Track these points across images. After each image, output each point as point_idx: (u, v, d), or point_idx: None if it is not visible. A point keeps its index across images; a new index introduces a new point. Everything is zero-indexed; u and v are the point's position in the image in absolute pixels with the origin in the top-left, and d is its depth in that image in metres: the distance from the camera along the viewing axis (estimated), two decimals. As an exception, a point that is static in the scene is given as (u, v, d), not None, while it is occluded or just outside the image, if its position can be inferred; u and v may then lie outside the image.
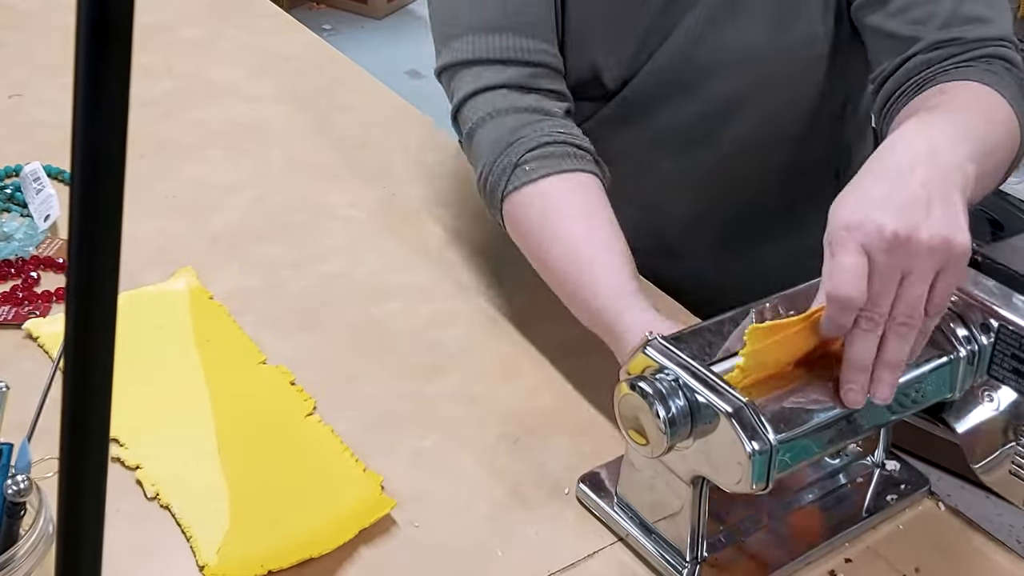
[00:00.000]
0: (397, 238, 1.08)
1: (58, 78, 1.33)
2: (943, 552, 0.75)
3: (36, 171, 1.09)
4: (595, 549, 0.75)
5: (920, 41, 0.89)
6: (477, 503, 0.78)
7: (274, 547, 0.71)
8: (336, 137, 1.25)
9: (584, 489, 0.78)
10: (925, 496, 0.79)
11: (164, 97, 1.32)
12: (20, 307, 0.94)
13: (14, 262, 1.00)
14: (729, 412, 0.64)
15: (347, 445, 0.80)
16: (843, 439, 0.69)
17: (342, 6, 3.97)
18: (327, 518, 0.74)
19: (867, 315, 0.65)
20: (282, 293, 0.99)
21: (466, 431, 0.84)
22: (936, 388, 0.72)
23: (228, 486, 0.76)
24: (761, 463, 0.63)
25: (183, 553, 0.72)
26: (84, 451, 0.30)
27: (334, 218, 1.10)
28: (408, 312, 0.97)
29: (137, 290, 0.96)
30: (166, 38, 1.46)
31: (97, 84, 0.26)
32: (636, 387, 0.67)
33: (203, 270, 1.00)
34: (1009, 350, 0.71)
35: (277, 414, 0.84)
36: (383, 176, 1.18)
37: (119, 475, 0.77)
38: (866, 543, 0.76)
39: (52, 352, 0.88)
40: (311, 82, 1.39)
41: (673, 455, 0.68)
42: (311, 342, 0.93)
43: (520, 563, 0.73)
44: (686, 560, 0.72)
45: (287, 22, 1.59)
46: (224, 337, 0.91)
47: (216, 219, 1.09)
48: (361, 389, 0.88)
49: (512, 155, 0.90)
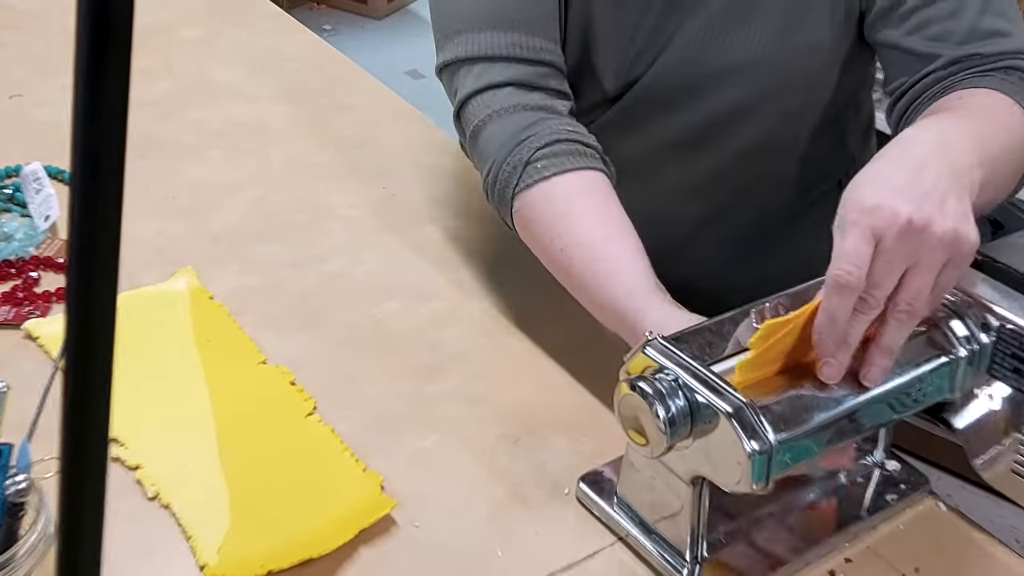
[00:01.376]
0: (397, 238, 1.08)
1: (58, 78, 1.33)
2: (943, 552, 0.75)
3: (36, 171, 1.09)
4: (595, 549, 0.75)
5: (939, 58, 0.89)
6: (477, 503, 0.78)
7: (274, 547, 0.71)
8: (336, 137, 1.25)
9: (584, 489, 0.78)
10: (925, 496, 0.79)
11: (164, 97, 1.31)
12: (20, 307, 0.94)
13: (14, 262, 1.00)
14: (729, 412, 0.64)
15: (347, 445, 0.80)
16: (843, 439, 0.69)
17: (342, 6, 3.97)
18: (327, 518, 0.74)
19: (863, 296, 0.66)
20: (282, 293, 0.99)
21: (466, 431, 0.84)
22: (936, 388, 0.73)
23: (228, 486, 0.76)
24: (761, 463, 0.63)
25: (183, 553, 0.72)
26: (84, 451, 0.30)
27: (334, 218, 1.10)
28: (408, 312, 0.97)
29: (137, 290, 0.96)
30: (166, 38, 1.46)
31: (97, 84, 0.26)
32: (636, 387, 0.67)
33: (203, 270, 1.00)
34: (1009, 350, 0.71)
35: (277, 414, 0.84)
36: (383, 176, 1.18)
37: (119, 475, 0.77)
38: (866, 543, 0.76)
39: (52, 352, 0.88)
40: (311, 82, 1.39)
41: (673, 455, 0.68)
42: (311, 342, 0.93)
43: (520, 563, 0.73)
44: (686, 560, 0.72)
45: (287, 22, 1.59)
46: (224, 337, 0.91)
47: (216, 219, 1.09)
48: (361, 389, 0.88)
49: (522, 153, 0.88)
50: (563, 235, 0.86)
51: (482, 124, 0.92)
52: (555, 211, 0.87)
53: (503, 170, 0.89)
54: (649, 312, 0.80)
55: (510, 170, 0.89)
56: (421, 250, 1.06)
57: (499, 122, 0.91)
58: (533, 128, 0.90)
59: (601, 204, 0.87)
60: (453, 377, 0.90)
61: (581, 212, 0.87)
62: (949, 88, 0.88)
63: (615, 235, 0.86)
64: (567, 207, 0.87)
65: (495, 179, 0.90)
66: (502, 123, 0.91)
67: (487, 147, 0.92)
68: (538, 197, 0.88)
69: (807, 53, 0.97)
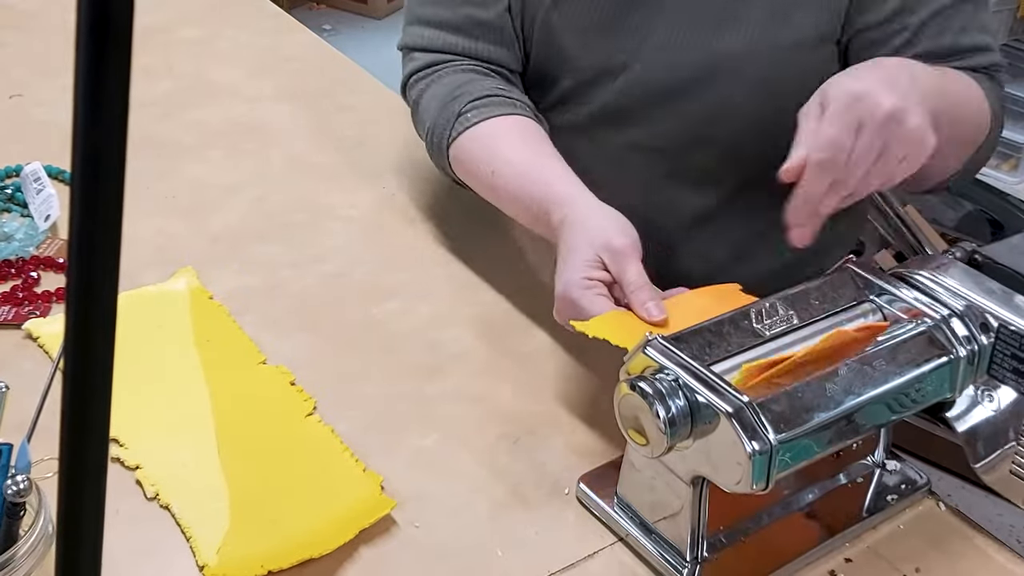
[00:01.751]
0: (397, 238, 1.08)
1: (58, 78, 1.33)
2: (943, 552, 0.75)
3: (36, 171, 1.09)
4: (595, 549, 0.75)
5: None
6: (477, 503, 0.78)
7: (274, 547, 0.71)
8: (336, 137, 1.25)
9: (584, 489, 0.78)
10: (925, 496, 0.79)
11: (164, 97, 1.32)
12: (20, 307, 0.94)
13: (14, 262, 1.00)
14: (729, 412, 0.64)
15: (347, 445, 0.80)
16: (843, 439, 0.69)
17: (342, 6, 3.97)
18: (327, 518, 0.74)
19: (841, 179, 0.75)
20: (282, 293, 0.99)
21: (466, 431, 0.84)
22: (936, 388, 0.72)
23: (228, 486, 0.76)
24: (761, 463, 0.63)
25: (183, 553, 0.72)
26: (84, 451, 0.30)
27: (334, 218, 1.10)
28: (408, 312, 0.97)
29: (137, 290, 0.96)
30: (166, 38, 1.46)
31: (97, 84, 0.26)
32: (636, 387, 0.67)
33: (203, 270, 1.00)
34: (1009, 350, 0.71)
35: (277, 414, 0.84)
36: (383, 176, 1.18)
37: (119, 475, 0.77)
38: (866, 543, 0.76)
39: (52, 352, 0.88)
40: (311, 82, 1.39)
41: (673, 455, 0.68)
42: (311, 342, 0.93)
43: (520, 563, 0.73)
44: (686, 560, 0.72)
45: (287, 22, 1.59)
46: (224, 337, 0.91)
47: (216, 219, 1.09)
48: (361, 389, 0.88)
49: (455, 106, 0.96)
50: (492, 160, 0.93)
51: (421, 92, 1.01)
52: (485, 144, 0.94)
53: (437, 125, 0.97)
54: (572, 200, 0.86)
55: (443, 123, 0.96)
56: (421, 250, 1.06)
57: (435, 86, 1.00)
58: (464, 87, 0.97)
59: (529, 134, 0.94)
60: (453, 377, 0.90)
61: (509, 140, 0.94)
62: None
63: (541, 152, 0.92)
64: (497, 139, 0.94)
65: (431, 135, 0.98)
66: (437, 87, 0.99)
67: (425, 111, 1.00)
68: (470, 139, 0.95)
69: (791, 54, 0.97)
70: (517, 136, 0.94)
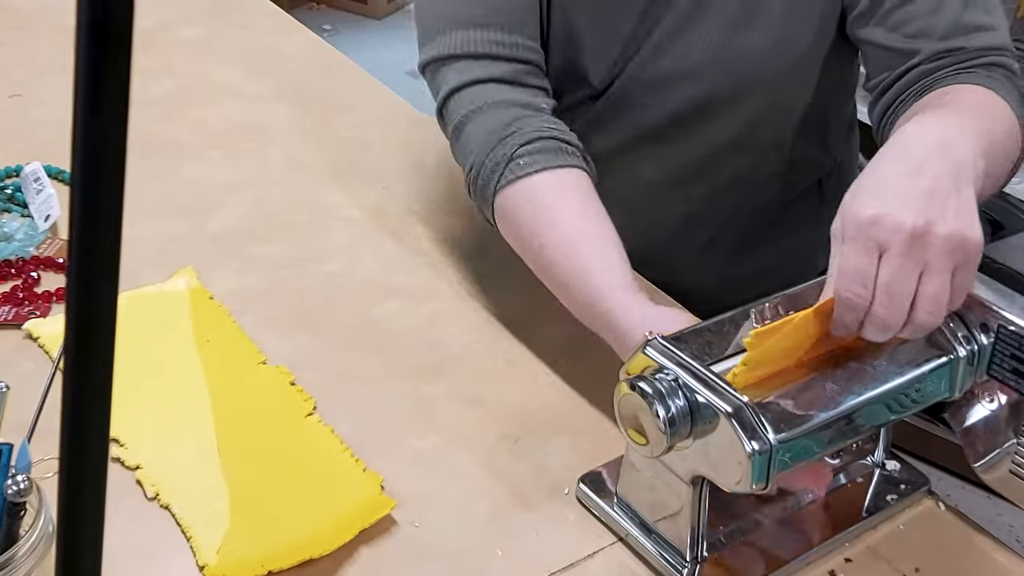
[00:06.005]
0: (397, 238, 1.08)
1: (58, 78, 1.33)
2: (943, 552, 0.75)
3: (36, 171, 1.09)
4: (595, 549, 0.75)
5: (920, 53, 0.89)
6: (477, 503, 0.78)
7: (274, 547, 0.71)
8: (336, 137, 1.25)
9: (584, 489, 0.78)
10: (925, 496, 0.79)
11: (164, 97, 1.32)
12: (20, 307, 0.94)
13: (14, 262, 1.00)
14: (729, 412, 0.64)
15: (347, 445, 0.80)
16: (843, 439, 0.69)
17: (342, 6, 3.97)
18: (327, 518, 0.74)
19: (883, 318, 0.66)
20: (282, 293, 0.99)
21: (466, 431, 0.84)
22: (936, 388, 0.72)
23: (228, 486, 0.76)
24: (761, 463, 0.63)
25: (183, 553, 0.72)
26: (84, 451, 0.30)
27: (334, 218, 1.10)
28: (408, 312, 0.97)
29: (137, 290, 0.96)
30: (166, 38, 1.46)
31: (97, 84, 0.26)
32: (636, 387, 0.67)
33: (203, 270, 1.00)
34: (1009, 350, 0.71)
35: (277, 414, 0.84)
36: (383, 176, 1.18)
37: (119, 475, 0.77)
38: (866, 543, 0.76)
39: (52, 352, 0.88)
40: (311, 82, 1.39)
41: (673, 455, 0.68)
42: (311, 342, 0.93)
43: (520, 563, 0.73)
44: (686, 560, 0.72)
45: (287, 22, 1.59)
46: (224, 337, 0.91)
47: (216, 219, 1.09)
48: (361, 389, 0.88)
49: (504, 149, 0.89)
50: (541, 232, 0.87)
51: (464, 120, 0.93)
52: (535, 208, 0.88)
53: (485, 166, 0.90)
54: (623, 312, 0.80)
55: (492, 166, 0.89)
56: (421, 250, 1.06)
57: (481, 118, 0.92)
58: (515, 125, 0.90)
59: (580, 202, 0.88)
60: (453, 377, 0.90)
61: (560, 209, 0.87)
62: (933, 84, 0.87)
63: (593, 233, 0.86)
64: (546, 205, 0.87)
65: (477, 175, 0.91)
66: (484, 119, 0.92)
67: (469, 143, 0.92)
68: (519, 194, 0.88)
69: (769, 49, 0.96)
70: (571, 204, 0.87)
